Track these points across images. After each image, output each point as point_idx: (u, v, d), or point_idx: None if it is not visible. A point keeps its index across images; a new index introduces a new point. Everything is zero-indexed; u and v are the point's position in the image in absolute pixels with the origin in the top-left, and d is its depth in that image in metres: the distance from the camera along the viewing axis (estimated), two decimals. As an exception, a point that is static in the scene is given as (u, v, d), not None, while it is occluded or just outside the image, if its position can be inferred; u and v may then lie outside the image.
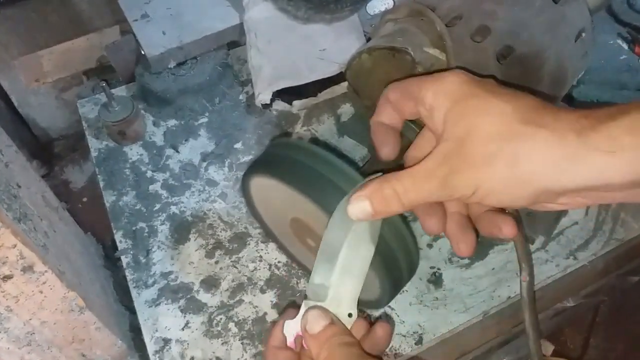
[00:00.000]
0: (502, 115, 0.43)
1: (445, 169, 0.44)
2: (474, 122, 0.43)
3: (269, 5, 0.94)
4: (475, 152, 0.43)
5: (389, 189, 0.46)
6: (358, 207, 0.48)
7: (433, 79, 0.48)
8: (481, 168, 0.43)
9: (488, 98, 0.44)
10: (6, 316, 0.59)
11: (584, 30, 0.76)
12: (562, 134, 0.40)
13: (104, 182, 0.89)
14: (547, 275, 0.77)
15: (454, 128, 0.45)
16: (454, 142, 0.44)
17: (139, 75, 0.97)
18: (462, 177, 0.44)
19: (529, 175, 0.41)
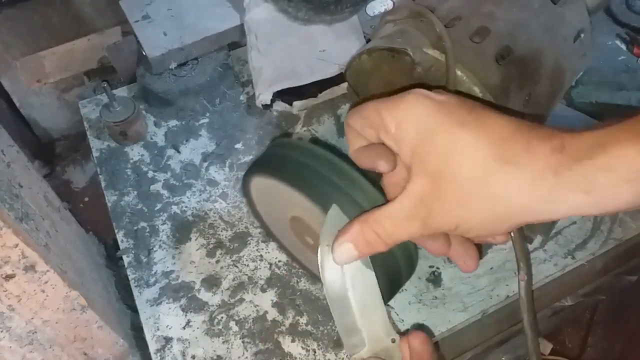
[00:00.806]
0: (474, 151, 0.42)
1: (422, 212, 0.44)
2: (446, 161, 0.43)
3: (270, 7, 0.94)
4: (451, 194, 0.43)
5: (370, 233, 0.47)
6: (343, 253, 0.48)
7: (392, 105, 0.46)
8: (458, 209, 0.43)
9: (456, 133, 0.43)
10: (8, 315, 0.59)
11: (583, 31, 0.76)
12: (538, 174, 0.40)
13: (105, 182, 0.89)
14: (545, 275, 0.77)
15: (424, 165, 0.44)
16: (427, 182, 0.44)
17: (140, 76, 0.97)
18: (441, 218, 0.44)
19: (507, 214, 0.42)
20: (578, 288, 0.82)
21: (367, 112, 0.48)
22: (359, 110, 0.49)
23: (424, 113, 0.44)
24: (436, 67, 0.67)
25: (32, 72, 1.09)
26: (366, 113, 0.48)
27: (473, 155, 0.42)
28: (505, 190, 0.41)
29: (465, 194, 0.42)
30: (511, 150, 0.41)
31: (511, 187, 0.41)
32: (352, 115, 0.50)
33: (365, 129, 0.49)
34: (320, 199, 0.55)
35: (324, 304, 0.76)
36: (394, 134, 0.46)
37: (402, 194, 0.45)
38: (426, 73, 0.67)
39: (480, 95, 0.66)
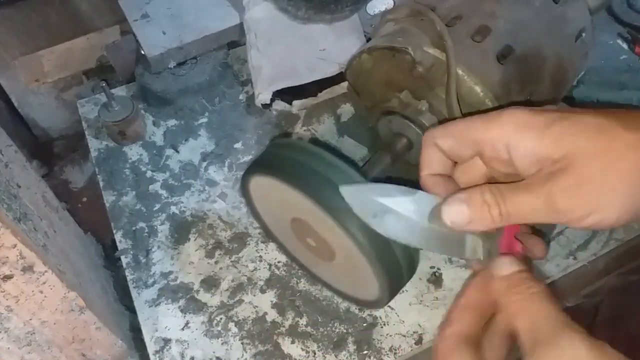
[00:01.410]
0: (603, 129, 0.41)
1: (554, 190, 0.41)
2: (577, 143, 0.41)
3: (269, 5, 0.94)
4: (588, 174, 0.41)
5: (490, 196, 0.44)
6: (454, 210, 0.45)
7: (497, 120, 0.45)
8: (599, 189, 0.41)
9: (578, 116, 0.42)
10: (6, 316, 0.59)
11: (584, 30, 0.76)
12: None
13: (104, 182, 0.89)
14: (547, 275, 0.77)
15: (553, 155, 0.42)
16: (559, 167, 0.41)
17: (139, 75, 0.97)
18: (577, 199, 0.41)
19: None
20: (580, 289, 0.82)
21: (463, 131, 0.47)
22: (448, 128, 0.48)
23: (531, 116, 0.43)
24: (437, 66, 0.67)
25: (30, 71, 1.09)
26: (457, 133, 0.47)
27: (604, 132, 0.41)
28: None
29: (604, 172, 0.40)
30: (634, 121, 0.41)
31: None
32: (441, 134, 0.48)
33: (459, 148, 0.47)
34: (321, 199, 0.54)
35: (323, 305, 0.75)
36: (507, 148, 0.44)
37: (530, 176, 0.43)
38: (427, 72, 0.67)
39: (481, 95, 0.66)
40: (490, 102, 0.66)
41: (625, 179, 0.40)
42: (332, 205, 0.54)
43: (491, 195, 0.44)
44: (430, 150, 0.50)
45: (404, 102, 0.71)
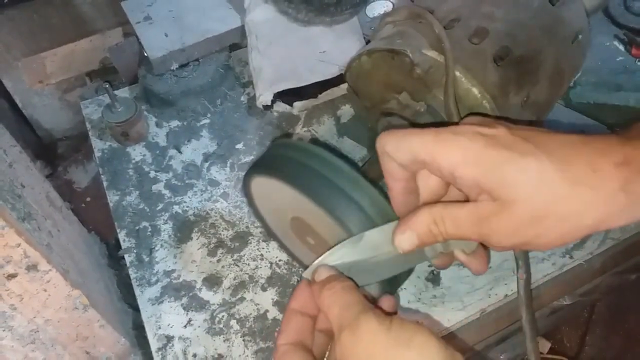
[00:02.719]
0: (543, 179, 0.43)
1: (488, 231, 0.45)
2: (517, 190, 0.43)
3: (270, 8, 0.94)
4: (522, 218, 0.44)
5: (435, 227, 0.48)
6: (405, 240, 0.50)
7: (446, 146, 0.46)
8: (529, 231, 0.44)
9: (523, 161, 0.43)
10: (10, 314, 0.59)
11: (581, 32, 0.76)
12: (607, 194, 0.42)
13: (107, 182, 0.90)
14: (543, 274, 0.78)
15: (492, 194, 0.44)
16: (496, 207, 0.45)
17: (141, 76, 0.98)
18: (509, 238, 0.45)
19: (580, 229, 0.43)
20: (576, 287, 0.82)
21: (412, 147, 0.48)
22: (400, 141, 0.49)
23: (481, 151, 0.45)
24: (435, 68, 0.68)
25: (34, 72, 1.09)
26: (411, 147, 0.48)
27: (541, 180, 0.43)
28: (578, 210, 0.43)
29: (536, 216, 0.43)
30: (577, 171, 0.42)
31: (584, 207, 0.42)
32: (393, 147, 0.50)
33: (411, 163, 0.49)
34: (321, 199, 0.55)
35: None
36: (453, 173, 0.46)
37: (470, 205, 0.46)
38: (425, 74, 0.68)
39: (478, 96, 0.66)
40: (488, 104, 0.67)
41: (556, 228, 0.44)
42: (331, 205, 0.54)
43: (434, 225, 0.48)
44: (386, 161, 0.51)
45: (402, 104, 0.72)
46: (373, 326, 0.42)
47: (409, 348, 0.40)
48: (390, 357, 0.40)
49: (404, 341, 0.41)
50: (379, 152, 0.51)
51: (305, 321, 0.50)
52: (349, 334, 0.43)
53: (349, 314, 0.44)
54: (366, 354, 0.41)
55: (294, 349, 0.48)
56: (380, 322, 0.42)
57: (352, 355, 0.42)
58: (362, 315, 0.43)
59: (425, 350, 0.40)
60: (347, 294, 0.47)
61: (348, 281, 0.49)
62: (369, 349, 0.41)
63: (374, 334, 0.42)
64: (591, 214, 0.42)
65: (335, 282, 0.48)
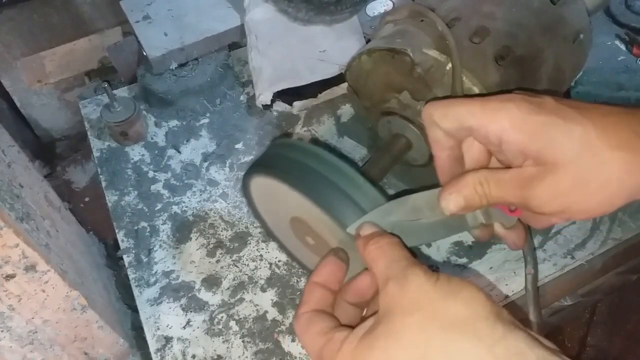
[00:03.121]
0: (588, 144, 0.44)
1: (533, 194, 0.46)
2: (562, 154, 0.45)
3: (270, 7, 0.94)
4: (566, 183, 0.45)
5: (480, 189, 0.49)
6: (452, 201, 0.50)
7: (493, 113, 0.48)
8: (571, 195, 0.45)
9: (568, 126, 0.45)
10: (9, 315, 0.59)
11: (582, 31, 0.76)
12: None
13: (106, 182, 0.89)
14: (545, 274, 0.77)
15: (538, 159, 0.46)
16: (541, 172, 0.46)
17: (140, 76, 0.97)
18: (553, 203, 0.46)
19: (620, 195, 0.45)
20: (577, 288, 0.82)
21: (460, 114, 0.50)
22: (447, 109, 0.51)
23: (528, 116, 0.46)
24: (436, 67, 0.68)
25: (32, 72, 1.09)
26: (459, 115, 0.50)
27: (584, 144, 0.44)
28: (619, 174, 0.44)
29: (578, 181, 0.45)
30: (620, 137, 0.44)
31: (624, 170, 0.44)
32: (440, 115, 0.51)
33: (458, 131, 0.50)
34: (320, 199, 0.55)
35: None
36: (500, 138, 0.47)
37: (515, 169, 0.48)
38: (426, 73, 0.67)
39: (479, 96, 0.66)
40: (489, 103, 0.66)
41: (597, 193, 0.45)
42: (331, 205, 0.54)
43: (480, 187, 0.49)
44: (433, 130, 0.53)
45: (403, 103, 0.71)
46: (421, 279, 0.42)
47: (456, 300, 0.40)
48: (436, 307, 0.40)
49: (452, 293, 0.41)
50: (426, 121, 0.53)
51: (327, 294, 0.50)
52: (395, 285, 0.43)
53: (396, 267, 0.44)
54: (413, 304, 0.41)
55: (317, 314, 0.48)
56: (428, 276, 0.42)
57: (397, 306, 0.41)
58: (409, 268, 0.43)
59: (472, 302, 0.40)
60: (394, 248, 0.47)
61: (394, 237, 0.49)
62: (416, 299, 0.41)
63: (422, 286, 0.42)
64: (632, 179, 0.44)
65: (381, 237, 0.48)
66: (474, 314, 0.39)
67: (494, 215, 0.54)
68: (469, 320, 0.39)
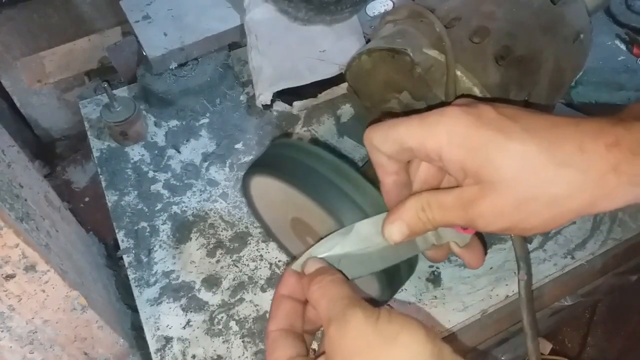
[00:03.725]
0: (528, 162, 0.42)
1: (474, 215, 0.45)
2: (499, 173, 0.43)
3: (270, 7, 0.94)
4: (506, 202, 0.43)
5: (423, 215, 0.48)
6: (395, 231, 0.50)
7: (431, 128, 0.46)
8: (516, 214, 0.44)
9: (506, 143, 0.43)
10: (9, 315, 0.59)
11: (582, 31, 0.76)
12: (597, 174, 0.41)
13: (106, 182, 0.89)
14: (545, 275, 0.77)
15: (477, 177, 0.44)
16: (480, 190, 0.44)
17: (140, 76, 0.97)
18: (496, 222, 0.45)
19: (567, 212, 0.43)
20: (577, 288, 0.82)
21: (399, 136, 0.48)
22: (386, 132, 0.49)
23: (466, 131, 0.44)
24: (436, 67, 0.68)
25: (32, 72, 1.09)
26: (398, 136, 0.48)
27: (526, 162, 0.42)
28: (565, 192, 0.42)
29: (521, 199, 0.43)
30: (565, 153, 0.42)
31: (571, 188, 0.42)
32: (380, 139, 0.49)
33: (399, 153, 0.49)
34: (320, 199, 0.55)
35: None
36: (439, 155, 0.46)
37: (456, 190, 0.46)
38: (426, 73, 0.68)
39: (479, 96, 0.66)
40: (489, 103, 0.66)
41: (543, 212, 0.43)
42: (331, 205, 0.54)
43: (422, 212, 0.48)
44: (375, 155, 0.51)
45: (403, 103, 0.71)
46: (360, 321, 0.41)
47: (395, 345, 0.40)
48: (375, 354, 0.40)
49: (390, 338, 0.40)
50: (367, 147, 0.51)
51: (295, 306, 0.50)
52: (336, 328, 0.42)
53: (336, 307, 0.44)
54: (352, 349, 0.41)
55: (285, 335, 0.47)
56: (367, 316, 0.42)
57: (338, 349, 0.42)
58: (349, 309, 0.43)
59: (411, 347, 0.40)
60: (336, 287, 0.46)
61: (337, 274, 0.48)
62: (355, 344, 0.41)
63: (361, 328, 0.41)
64: (579, 197, 0.42)
65: (324, 274, 0.48)
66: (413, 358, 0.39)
67: (445, 234, 0.53)
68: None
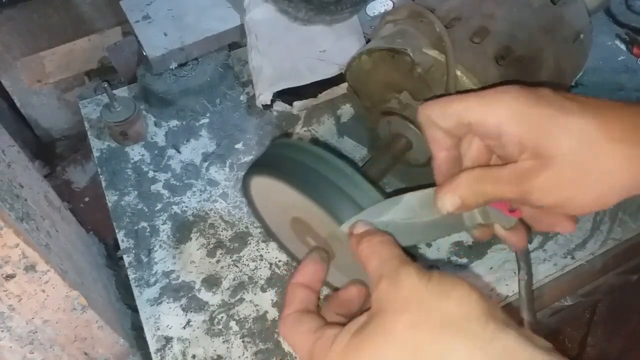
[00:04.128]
0: (583, 133, 0.43)
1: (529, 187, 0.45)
2: (559, 146, 0.44)
3: (270, 7, 0.94)
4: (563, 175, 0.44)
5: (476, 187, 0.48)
6: (448, 201, 0.50)
7: (491, 104, 0.47)
8: (568, 188, 0.44)
9: (566, 119, 0.44)
10: (9, 315, 0.59)
11: (582, 31, 0.76)
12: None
13: (106, 182, 0.89)
14: (545, 274, 0.77)
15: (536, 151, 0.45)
16: (537, 163, 0.45)
17: (140, 76, 0.97)
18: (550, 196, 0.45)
19: (618, 188, 0.44)
20: (577, 288, 0.82)
21: (457, 111, 0.49)
22: (444, 107, 0.50)
23: (526, 107, 0.45)
24: (436, 67, 0.68)
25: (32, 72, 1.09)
26: (457, 111, 0.49)
27: (583, 137, 0.44)
28: (617, 166, 0.43)
29: (576, 173, 0.44)
30: (619, 129, 0.43)
31: (623, 162, 0.43)
32: (438, 113, 0.50)
33: (457, 128, 0.50)
34: (321, 200, 0.55)
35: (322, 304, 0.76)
36: (498, 130, 0.47)
37: (512, 164, 0.47)
38: (426, 73, 0.67)
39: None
40: (489, 103, 0.66)
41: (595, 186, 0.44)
42: (331, 205, 0.54)
43: (476, 184, 0.48)
44: (432, 130, 0.52)
45: (403, 103, 0.71)
46: (413, 278, 0.41)
47: (448, 299, 0.40)
48: (429, 307, 0.40)
49: (444, 292, 0.40)
50: (423, 122, 0.52)
51: (310, 294, 0.50)
52: (388, 283, 0.42)
53: (389, 265, 0.44)
54: (405, 303, 0.40)
55: (304, 313, 0.47)
56: (421, 275, 0.42)
57: (390, 304, 0.41)
58: (402, 267, 0.43)
59: (464, 301, 0.40)
60: (387, 247, 0.46)
61: (387, 235, 0.48)
62: (408, 298, 0.41)
63: (414, 284, 0.41)
64: (630, 172, 0.43)
65: (374, 235, 0.48)
66: (466, 313, 0.39)
67: (492, 215, 0.54)
68: (461, 320, 0.39)
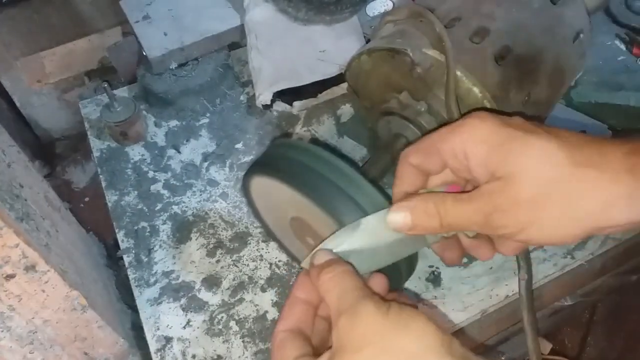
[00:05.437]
0: (548, 156, 0.43)
1: (489, 207, 0.45)
2: (520, 165, 0.44)
3: (270, 7, 0.94)
4: (523, 194, 0.44)
5: (432, 207, 0.48)
6: (398, 219, 0.49)
7: (458, 129, 0.48)
8: (530, 211, 0.44)
9: (528, 138, 0.44)
10: (9, 315, 0.59)
11: (582, 31, 0.76)
12: (614, 173, 0.41)
13: (106, 182, 0.89)
14: (545, 274, 0.77)
15: (498, 172, 0.45)
16: (499, 184, 0.45)
17: (140, 76, 0.97)
18: (510, 217, 0.45)
19: (584, 216, 0.43)
20: (577, 288, 0.82)
21: (426, 146, 0.50)
22: (419, 144, 0.51)
23: (491, 129, 0.46)
24: (436, 67, 0.68)
25: (32, 72, 1.09)
26: (426, 146, 0.50)
27: (547, 159, 0.43)
28: (582, 190, 0.42)
29: (538, 195, 0.43)
30: (585, 155, 0.43)
31: (588, 187, 0.42)
32: (412, 151, 0.51)
33: (428, 160, 0.50)
34: (320, 199, 0.55)
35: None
36: (465, 153, 0.47)
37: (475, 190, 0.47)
38: (425, 73, 0.67)
39: (479, 96, 0.66)
40: (489, 103, 0.66)
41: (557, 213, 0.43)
42: (331, 205, 0.54)
43: (434, 206, 0.48)
44: (403, 167, 0.52)
45: (403, 103, 0.71)
46: (371, 311, 0.41)
47: (406, 333, 0.40)
48: (386, 342, 0.40)
49: (402, 327, 0.40)
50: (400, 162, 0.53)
51: (308, 310, 0.49)
52: (346, 319, 0.42)
53: (347, 298, 0.44)
54: (362, 340, 0.40)
55: (293, 335, 0.47)
56: (378, 307, 0.42)
57: (348, 340, 0.41)
58: (360, 300, 0.43)
59: (422, 335, 0.40)
60: (346, 278, 0.46)
61: (347, 265, 0.48)
62: (366, 334, 0.41)
63: (372, 319, 0.41)
64: (596, 195, 0.42)
65: (335, 265, 0.47)
66: (424, 347, 0.39)
67: None
68: (419, 354, 0.39)
